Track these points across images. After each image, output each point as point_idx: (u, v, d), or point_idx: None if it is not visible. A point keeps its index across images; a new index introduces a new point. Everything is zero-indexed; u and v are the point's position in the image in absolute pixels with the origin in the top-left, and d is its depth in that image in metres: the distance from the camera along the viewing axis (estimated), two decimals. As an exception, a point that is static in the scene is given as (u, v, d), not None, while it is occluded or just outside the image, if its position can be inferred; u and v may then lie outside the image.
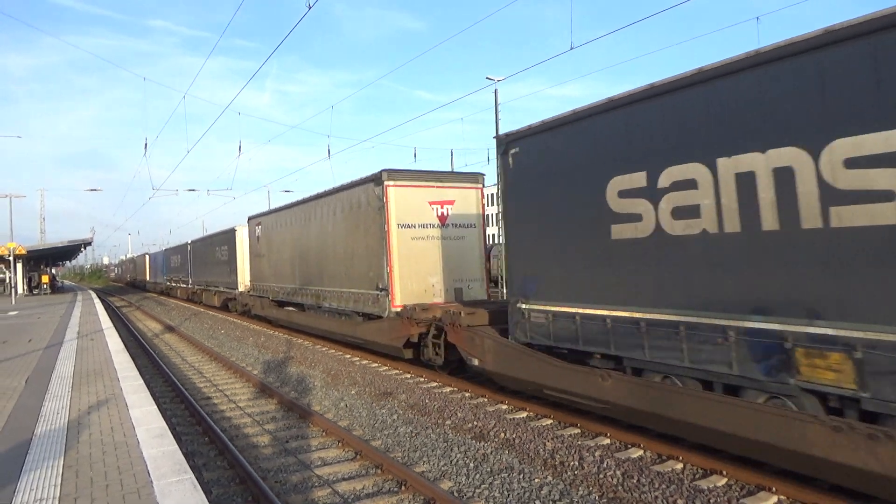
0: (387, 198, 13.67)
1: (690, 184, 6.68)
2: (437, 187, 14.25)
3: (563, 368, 8.49)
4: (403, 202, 13.87)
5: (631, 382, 7.53)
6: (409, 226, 13.90)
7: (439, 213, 14.24)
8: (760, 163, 5.99)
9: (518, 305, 9.35)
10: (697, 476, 6.71)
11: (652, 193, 7.13)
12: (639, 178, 7.29)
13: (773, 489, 6.16)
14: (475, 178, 14.99)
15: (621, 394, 7.56)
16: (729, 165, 6.29)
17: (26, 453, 5.85)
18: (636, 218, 7.33)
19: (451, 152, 52.35)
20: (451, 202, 14.34)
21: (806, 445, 5.60)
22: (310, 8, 9.30)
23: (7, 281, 45.17)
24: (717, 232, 6.43)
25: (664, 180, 6.99)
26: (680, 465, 7.01)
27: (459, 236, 14.45)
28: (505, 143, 9.54)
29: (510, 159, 9.48)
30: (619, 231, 7.60)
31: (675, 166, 6.87)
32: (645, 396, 7.29)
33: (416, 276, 13.93)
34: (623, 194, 7.54)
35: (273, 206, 23.90)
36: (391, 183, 13.75)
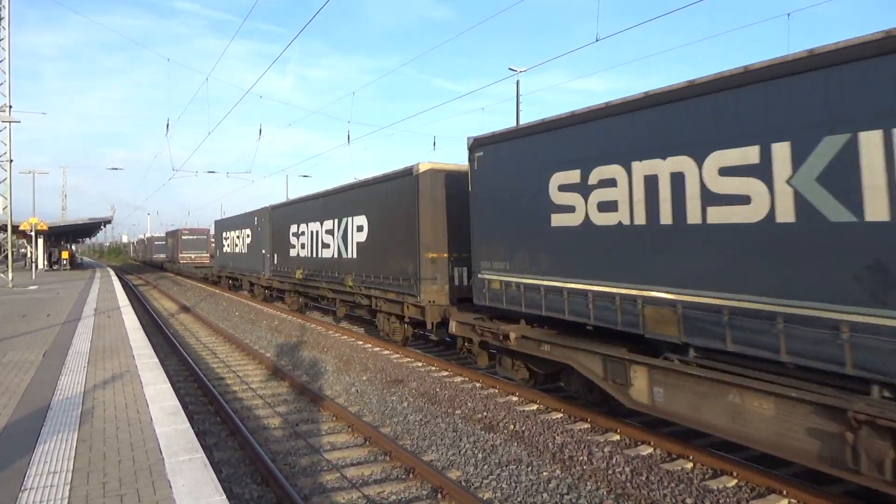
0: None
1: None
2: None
3: None
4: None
5: None
6: None
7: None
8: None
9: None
10: (707, 476, 6.66)
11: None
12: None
13: (784, 492, 6.09)
14: None
15: None
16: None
17: (41, 426, 5.93)
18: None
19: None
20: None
21: None
22: (333, -8, 9.22)
23: (28, 256, 45.96)
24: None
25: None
26: (690, 465, 6.97)
27: None
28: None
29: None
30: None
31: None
32: None
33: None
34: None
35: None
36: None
